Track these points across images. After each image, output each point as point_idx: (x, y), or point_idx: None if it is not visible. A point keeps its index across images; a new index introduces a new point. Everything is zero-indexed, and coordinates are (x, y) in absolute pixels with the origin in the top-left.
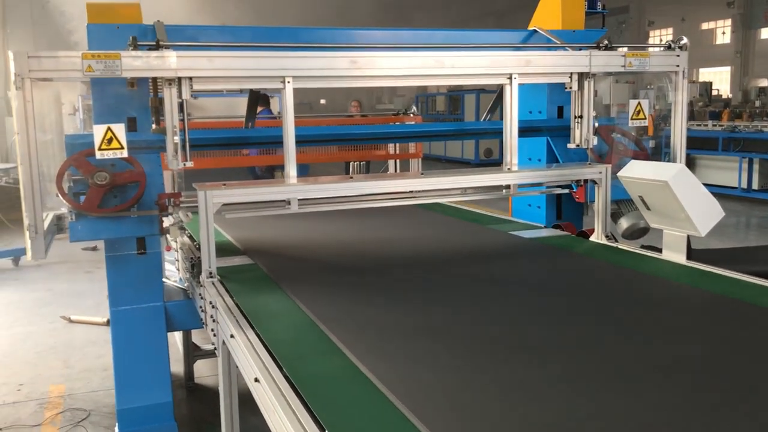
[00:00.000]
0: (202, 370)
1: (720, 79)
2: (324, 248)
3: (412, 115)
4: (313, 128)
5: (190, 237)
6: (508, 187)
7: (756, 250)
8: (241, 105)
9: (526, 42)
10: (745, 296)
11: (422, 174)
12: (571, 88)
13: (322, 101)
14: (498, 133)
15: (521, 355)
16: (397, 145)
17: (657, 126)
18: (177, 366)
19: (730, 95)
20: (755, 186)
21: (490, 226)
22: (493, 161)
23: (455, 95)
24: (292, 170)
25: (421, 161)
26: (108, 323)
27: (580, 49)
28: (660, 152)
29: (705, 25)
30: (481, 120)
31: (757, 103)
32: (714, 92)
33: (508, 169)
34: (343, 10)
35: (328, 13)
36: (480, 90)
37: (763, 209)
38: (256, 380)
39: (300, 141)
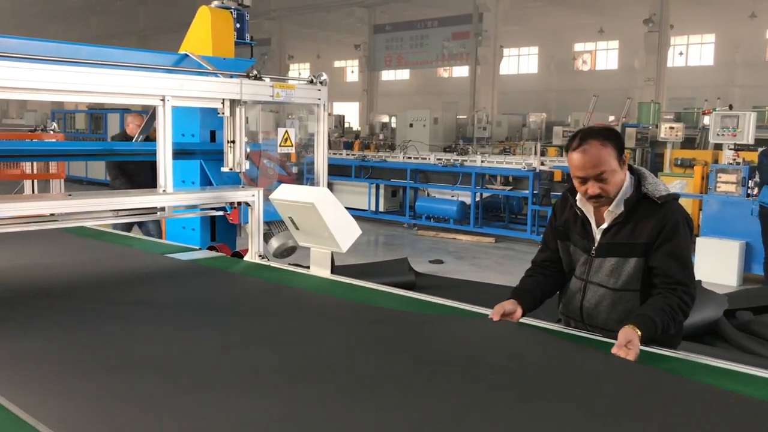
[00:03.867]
0: None
1: (351, 113)
2: None
3: (52, 132)
4: None
5: None
6: (163, 209)
7: (383, 263)
8: None
9: (178, 65)
10: (382, 303)
11: (70, 195)
12: (223, 113)
13: None
14: (151, 154)
15: (182, 375)
16: (35, 164)
17: (299, 154)
18: None
19: (360, 128)
20: (381, 208)
21: (144, 249)
22: None
23: (97, 113)
24: None
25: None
26: None
27: (231, 77)
28: (303, 178)
29: (337, 63)
30: (134, 141)
31: (381, 136)
32: (347, 125)
33: (163, 191)
34: None
35: None
36: (125, 109)
37: (388, 228)
38: None
39: None
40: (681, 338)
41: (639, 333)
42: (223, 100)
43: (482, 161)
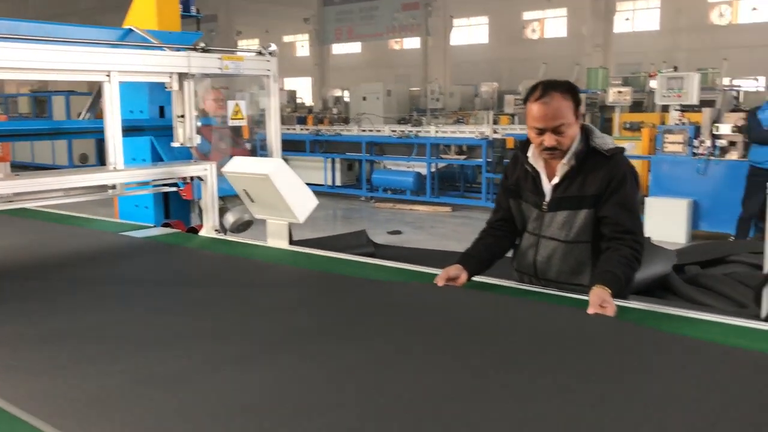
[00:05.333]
0: None
1: (303, 88)
2: None
3: None
4: None
5: None
6: (114, 187)
7: (341, 236)
8: None
9: (123, 40)
10: (342, 271)
11: (17, 175)
12: (171, 87)
13: None
14: (99, 132)
15: (154, 349)
16: None
17: (251, 130)
18: None
19: (313, 103)
20: (338, 183)
21: (97, 228)
22: (89, 167)
23: (41, 96)
24: None
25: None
26: None
27: (179, 50)
28: (256, 154)
29: (287, 38)
30: (80, 119)
31: (335, 110)
32: (299, 100)
33: (114, 168)
34: None
35: None
36: (70, 91)
37: (346, 202)
38: None
39: None
40: (631, 290)
41: (609, 291)
42: (171, 74)
43: (436, 132)
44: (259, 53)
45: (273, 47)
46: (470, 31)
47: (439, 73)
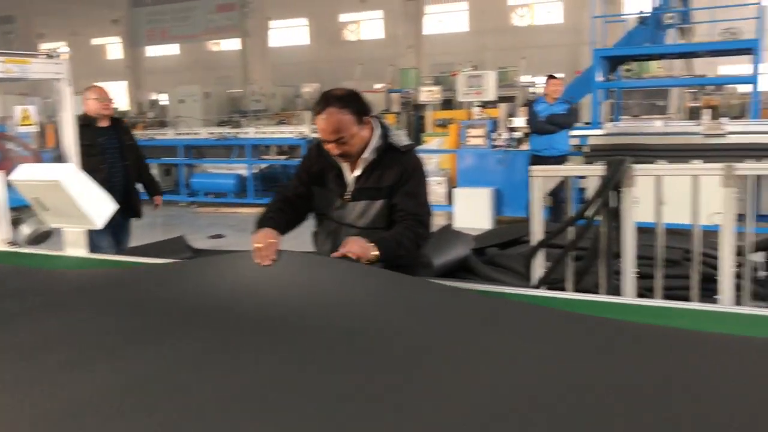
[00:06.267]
0: None
1: (117, 92)
2: None
3: None
4: None
5: None
6: None
7: (157, 244)
8: None
9: None
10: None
11: None
12: None
13: None
14: None
15: None
16: None
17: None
18: None
19: (129, 108)
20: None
21: None
22: None
23: None
24: None
25: None
26: None
27: None
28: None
29: (95, 41)
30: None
31: (151, 114)
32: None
33: None
34: None
35: None
36: None
37: (165, 209)
38: None
39: None
40: (430, 272)
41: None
42: None
43: (255, 133)
44: (49, 56)
45: (64, 49)
46: (291, 33)
47: (260, 75)
